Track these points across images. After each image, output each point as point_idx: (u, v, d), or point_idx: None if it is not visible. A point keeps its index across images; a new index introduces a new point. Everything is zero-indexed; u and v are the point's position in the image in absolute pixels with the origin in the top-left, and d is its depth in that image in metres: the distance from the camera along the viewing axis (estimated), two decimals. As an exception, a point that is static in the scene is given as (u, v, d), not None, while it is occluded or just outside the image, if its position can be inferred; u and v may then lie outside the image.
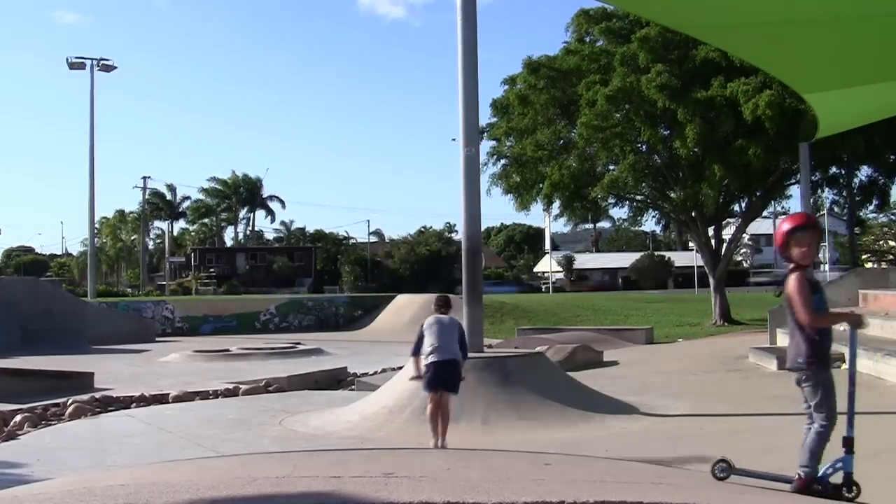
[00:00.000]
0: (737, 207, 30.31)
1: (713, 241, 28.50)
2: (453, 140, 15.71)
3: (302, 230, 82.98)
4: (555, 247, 78.97)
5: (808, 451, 4.71)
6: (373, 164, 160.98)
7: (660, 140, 25.56)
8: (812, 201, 27.61)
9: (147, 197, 72.62)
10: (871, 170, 27.88)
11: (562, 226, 65.99)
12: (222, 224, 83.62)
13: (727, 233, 32.51)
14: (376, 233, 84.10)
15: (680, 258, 73.97)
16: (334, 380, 15.02)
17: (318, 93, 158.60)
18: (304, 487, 3.71)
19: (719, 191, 26.44)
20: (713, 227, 28.69)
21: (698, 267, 44.68)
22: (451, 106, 14.47)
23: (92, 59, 41.95)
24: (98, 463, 7.86)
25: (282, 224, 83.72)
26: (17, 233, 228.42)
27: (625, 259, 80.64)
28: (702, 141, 23.27)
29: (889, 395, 9.99)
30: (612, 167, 26.84)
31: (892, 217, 61.87)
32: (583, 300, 38.40)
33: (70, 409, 10.64)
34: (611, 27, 26.06)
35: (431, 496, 3.21)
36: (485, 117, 28.22)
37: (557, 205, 28.83)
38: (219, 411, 10.76)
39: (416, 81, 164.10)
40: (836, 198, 31.14)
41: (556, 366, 11.53)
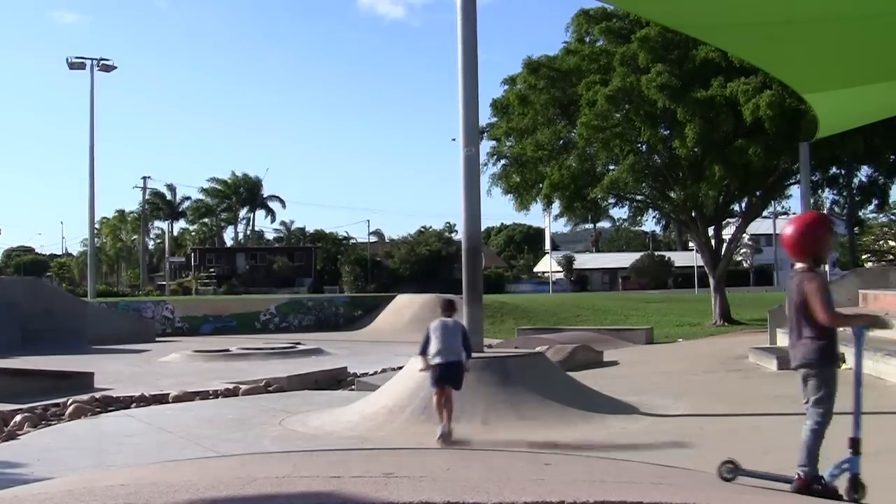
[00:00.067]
0: (737, 207, 30.32)
1: (713, 241, 28.50)
2: (453, 140, 15.72)
3: (302, 230, 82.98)
4: (555, 247, 78.93)
5: (806, 450, 4.73)
6: (373, 164, 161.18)
7: (660, 140, 25.56)
8: (812, 201, 27.60)
9: (147, 197, 72.62)
10: (871, 170, 27.90)
11: (562, 226, 65.99)
12: (222, 224, 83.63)
13: (727, 233, 32.50)
14: (376, 233, 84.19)
15: (680, 258, 74.00)
16: (334, 380, 15.01)
17: (318, 93, 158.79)
18: (304, 487, 3.72)
19: (719, 191, 26.44)
20: (713, 227, 28.69)
21: (698, 267, 44.68)
22: (451, 106, 14.48)
23: (92, 59, 41.96)
24: (98, 463, 7.86)
25: (282, 224, 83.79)
26: (17, 233, 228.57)
27: (625, 259, 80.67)
28: (702, 141, 23.28)
29: (889, 395, 10.00)
30: (612, 167, 26.84)
31: (892, 217, 61.86)
32: (583, 300, 38.40)
33: (70, 409, 10.63)
34: (611, 27, 26.07)
35: (431, 496, 3.21)
36: (485, 117, 28.26)
37: (557, 205, 28.84)
38: (219, 411, 10.75)
39: (416, 81, 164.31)
40: (836, 198, 31.16)
41: (556, 366, 11.52)
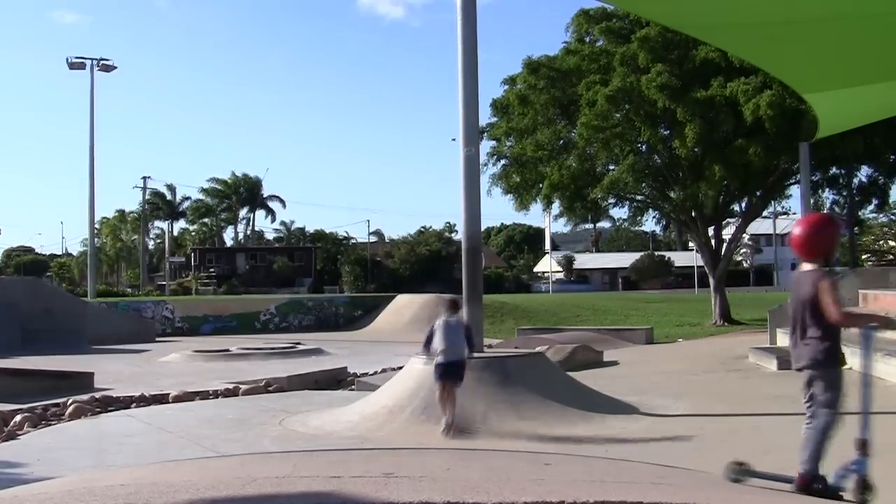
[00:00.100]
0: (737, 207, 30.32)
1: (713, 241, 28.49)
2: (453, 140, 15.71)
3: (302, 230, 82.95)
4: (555, 247, 78.93)
5: (809, 449, 4.71)
6: (373, 163, 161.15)
7: (660, 140, 25.55)
8: (812, 201, 27.59)
9: (147, 197, 72.58)
10: (871, 170, 27.88)
11: (562, 226, 66.04)
12: (222, 224, 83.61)
13: (727, 233, 32.50)
14: (376, 233, 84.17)
15: (680, 258, 74.00)
16: (334, 380, 15.01)
17: (318, 92, 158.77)
18: (304, 487, 3.71)
19: (719, 191, 26.44)
20: (713, 227, 28.68)
21: (698, 267, 44.67)
22: (451, 106, 14.47)
23: (92, 59, 41.94)
24: (98, 463, 7.86)
25: (282, 224, 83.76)
26: (17, 233, 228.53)
27: (625, 259, 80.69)
28: (702, 141, 23.27)
29: (889, 394, 9.98)
30: (611, 167, 26.83)
31: (892, 217, 61.86)
32: (583, 300, 38.38)
33: (70, 409, 10.63)
34: (611, 27, 26.06)
35: (431, 496, 3.21)
36: (485, 117, 28.25)
37: (557, 205, 28.84)
38: (219, 411, 10.76)
39: (416, 81, 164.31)
40: (836, 198, 31.14)
41: (556, 366, 11.52)
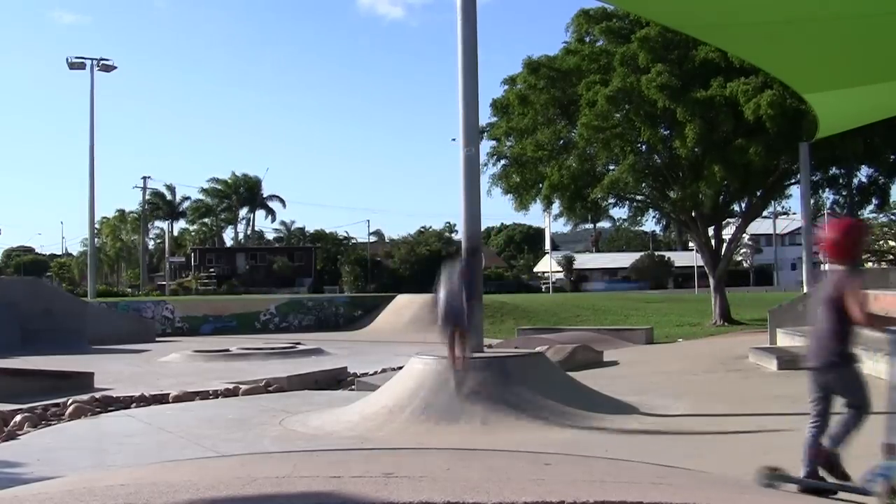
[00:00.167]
0: (737, 207, 30.32)
1: (713, 241, 28.49)
2: (453, 140, 15.68)
3: (302, 230, 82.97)
4: (555, 247, 78.94)
5: (836, 433, 4.82)
6: (373, 163, 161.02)
7: (660, 140, 25.55)
8: (812, 201, 27.58)
9: (147, 197, 72.59)
10: (871, 170, 27.88)
11: (562, 226, 66.11)
12: (222, 224, 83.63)
13: (727, 233, 32.51)
14: (376, 233, 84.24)
15: (680, 258, 74.01)
16: (334, 380, 15.00)
17: (317, 92, 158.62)
18: (304, 487, 3.71)
19: (718, 191, 26.44)
20: (713, 227, 28.68)
21: (698, 267, 44.67)
22: (451, 106, 14.47)
23: (92, 59, 41.90)
24: (98, 463, 7.85)
25: (282, 224, 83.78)
26: (17, 233, 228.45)
27: (625, 259, 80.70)
28: (701, 141, 23.28)
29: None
30: (611, 167, 26.84)
31: (892, 217, 61.84)
32: (583, 300, 38.38)
33: (70, 409, 10.63)
34: (611, 27, 26.06)
35: (431, 496, 3.21)
36: (485, 117, 28.25)
37: (557, 205, 28.84)
38: (219, 411, 10.75)
39: (416, 81, 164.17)
40: (836, 198, 31.13)
41: (556, 366, 11.52)
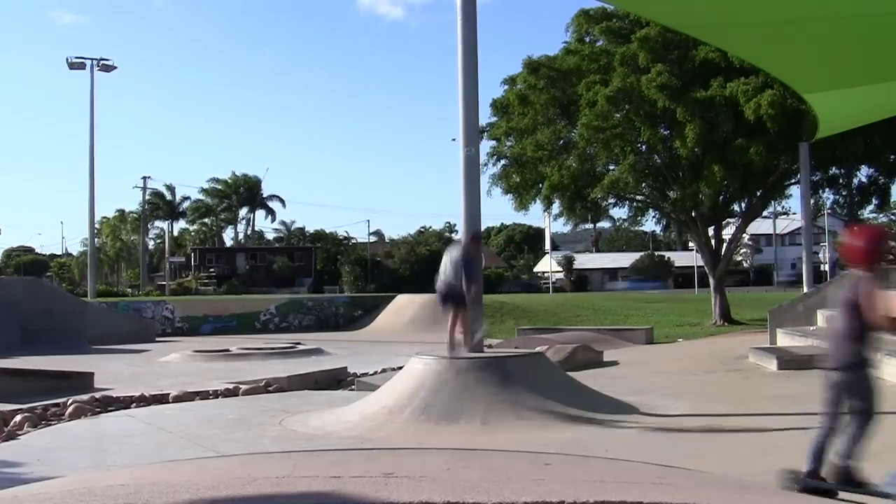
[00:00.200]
0: (736, 207, 30.31)
1: (713, 241, 28.49)
2: (453, 140, 15.66)
3: (302, 230, 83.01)
4: (555, 247, 78.97)
5: (845, 448, 4.80)
6: (373, 163, 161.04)
7: (660, 140, 25.54)
8: (812, 201, 27.60)
9: (147, 197, 72.60)
10: (871, 170, 27.87)
11: (562, 226, 66.17)
12: (222, 224, 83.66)
13: (727, 233, 32.50)
14: (376, 233, 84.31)
15: (680, 258, 74.02)
16: (334, 380, 15.00)
17: (317, 92, 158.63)
18: (304, 487, 3.71)
19: (718, 190, 26.44)
20: (713, 227, 28.68)
21: (698, 267, 44.67)
22: (451, 106, 14.45)
23: (92, 59, 41.90)
24: (98, 463, 7.85)
25: (282, 224, 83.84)
26: (17, 233, 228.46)
27: (625, 259, 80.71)
28: (701, 141, 23.26)
29: (889, 394, 9.97)
30: (612, 167, 26.83)
31: (892, 217, 61.87)
32: (583, 300, 38.38)
33: (70, 409, 10.62)
34: (611, 27, 26.05)
35: (431, 496, 3.21)
36: (485, 117, 28.24)
37: (557, 205, 28.83)
38: (219, 411, 10.75)
39: (416, 81, 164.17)
40: (836, 198, 31.12)
41: (556, 366, 11.51)
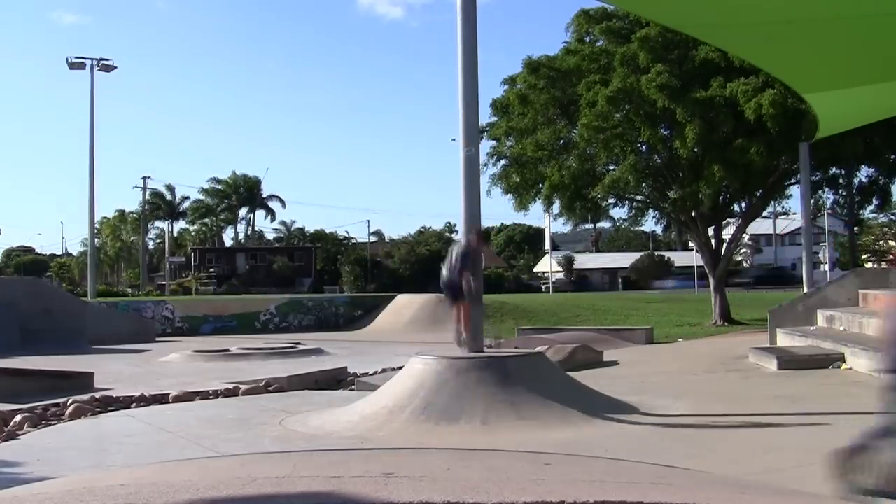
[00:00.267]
0: (737, 207, 30.32)
1: (713, 241, 28.49)
2: (453, 140, 15.67)
3: (302, 230, 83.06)
4: (555, 247, 78.94)
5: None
6: (373, 163, 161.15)
7: (660, 140, 25.54)
8: (812, 201, 27.60)
9: (147, 197, 72.64)
10: (871, 170, 27.88)
11: (562, 226, 66.12)
12: (222, 224, 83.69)
13: (727, 233, 32.50)
14: (376, 233, 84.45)
15: (680, 258, 74.01)
16: (334, 380, 14.99)
17: (317, 92, 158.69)
18: (304, 487, 3.71)
19: (718, 190, 26.44)
20: (713, 227, 28.68)
21: (698, 267, 44.67)
22: (451, 106, 14.45)
23: (92, 59, 41.93)
24: (98, 463, 7.85)
25: (282, 224, 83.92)
26: (17, 233, 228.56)
27: (625, 259, 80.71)
28: (701, 141, 23.26)
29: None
30: (612, 167, 26.83)
31: (892, 217, 61.87)
32: (583, 300, 38.38)
33: (70, 409, 10.62)
34: (611, 27, 26.05)
35: (431, 496, 3.21)
36: (485, 117, 28.23)
37: (557, 205, 28.83)
38: (219, 411, 10.75)
39: (416, 81, 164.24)
40: (836, 198, 31.14)
41: (556, 366, 11.51)
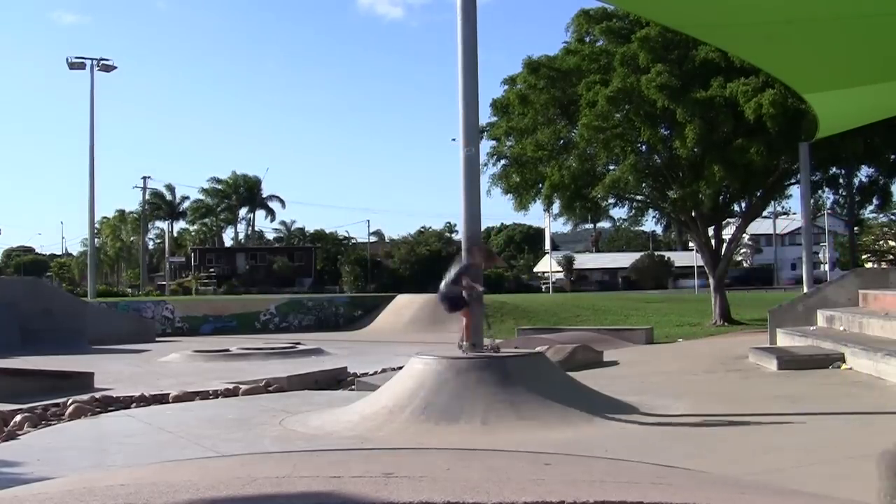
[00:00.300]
0: (737, 207, 30.32)
1: (713, 241, 28.49)
2: (453, 140, 15.68)
3: (302, 230, 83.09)
4: (555, 247, 78.97)
5: None
6: (373, 163, 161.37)
7: (660, 140, 25.54)
8: (812, 201, 27.60)
9: (147, 197, 72.64)
10: (871, 170, 27.88)
11: (562, 226, 66.10)
12: (222, 224, 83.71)
13: (727, 233, 32.50)
14: (376, 233, 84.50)
15: (680, 258, 74.03)
16: (334, 380, 14.99)
17: (317, 92, 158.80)
18: (304, 487, 3.71)
19: (718, 190, 26.45)
20: (713, 227, 28.68)
21: (698, 267, 44.68)
22: (451, 106, 14.45)
23: (92, 59, 41.95)
24: (98, 463, 7.85)
25: (282, 224, 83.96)
26: (17, 233, 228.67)
27: (625, 259, 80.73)
28: (701, 141, 23.26)
29: (889, 394, 10.00)
30: (612, 167, 26.83)
31: (892, 217, 61.89)
32: (583, 300, 38.38)
33: (70, 409, 10.62)
34: (611, 27, 26.04)
35: (431, 496, 3.21)
36: (485, 117, 28.22)
37: (557, 205, 28.83)
38: (219, 411, 10.75)
39: (416, 81, 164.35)
40: (836, 198, 31.12)
41: (556, 366, 11.51)
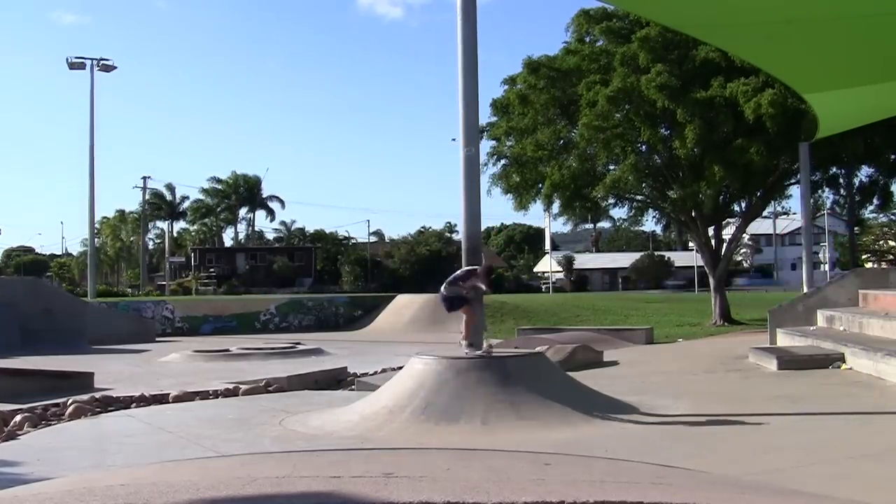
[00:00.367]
0: (737, 207, 30.32)
1: (713, 241, 28.49)
2: (453, 140, 15.71)
3: (302, 230, 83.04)
4: (555, 247, 78.95)
5: None
6: (373, 163, 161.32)
7: (660, 140, 25.54)
8: (812, 201, 27.61)
9: (147, 197, 72.62)
10: (871, 170, 27.89)
11: (562, 226, 66.03)
12: (222, 224, 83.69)
13: (727, 233, 32.50)
14: (376, 233, 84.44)
15: (680, 258, 74.01)
16: (334, 380, 15.00)
17: (317, 92, 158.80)
18: (304, 487, 3.71)
19: (718, 190, 26.45)
20: (713, 227, 28.68)
21: (698, 267, 44.68)
22: (451, 106, 14.47)
23: (92, 59, 41.96)
24: (98, 463, 7.85)
25: (282, 224, 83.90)
26: (17, 233, 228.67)
27: (625, 259, 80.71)
28: (701, 141, 23.27)
29: (889, 394, 10.00)
30: (612, 167, 26.83)
31: (892, 217, 61.90)
32: (583, 300, 38.38)
33: (70, 409, 10.62)
34: (611, 27, 26.05)
35: (431, 496, 3.21)
36: (485, 117, 28.23)
37: (557, 205, 28.83)
38: (219, 411, 10.75)
39: (416, 81, 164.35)
40: (836, 198, 31.12)
41: (556, 366, 11.51)
